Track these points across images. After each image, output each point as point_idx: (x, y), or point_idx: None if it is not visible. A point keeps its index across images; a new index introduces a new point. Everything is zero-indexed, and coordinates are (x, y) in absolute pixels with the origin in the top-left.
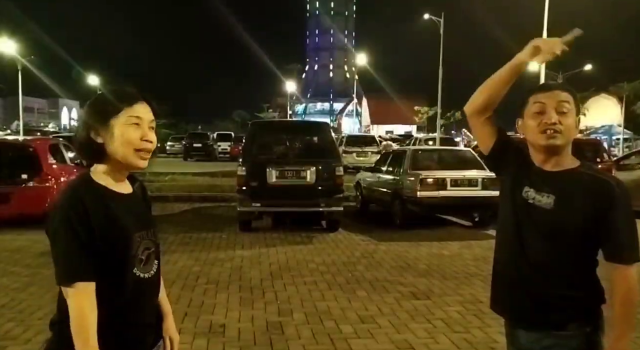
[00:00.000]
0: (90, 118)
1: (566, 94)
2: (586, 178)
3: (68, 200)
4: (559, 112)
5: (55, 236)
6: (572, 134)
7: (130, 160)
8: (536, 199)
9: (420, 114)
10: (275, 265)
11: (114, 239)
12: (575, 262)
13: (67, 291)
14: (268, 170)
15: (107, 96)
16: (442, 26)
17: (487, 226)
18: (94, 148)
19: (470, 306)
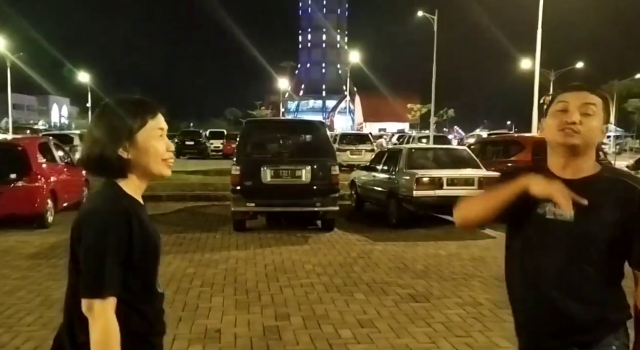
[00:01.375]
0: (115, 133)
1: (593, 97)
2: (610, 183)
3: (113, 208)
4: (583, 113)
5: (96, 245)
6: (593, 137)
7: (160, 171)
8: (556, 213)
9: (413, 112)
10: (270, 267)
11: (148, 249)
12: (601, 277)
13: (94, 305)
14: (263, 169)
15: (127, 108)
16: (436, 24)
17: (483, 226)
18: (122, 164)
19: (470, 309)
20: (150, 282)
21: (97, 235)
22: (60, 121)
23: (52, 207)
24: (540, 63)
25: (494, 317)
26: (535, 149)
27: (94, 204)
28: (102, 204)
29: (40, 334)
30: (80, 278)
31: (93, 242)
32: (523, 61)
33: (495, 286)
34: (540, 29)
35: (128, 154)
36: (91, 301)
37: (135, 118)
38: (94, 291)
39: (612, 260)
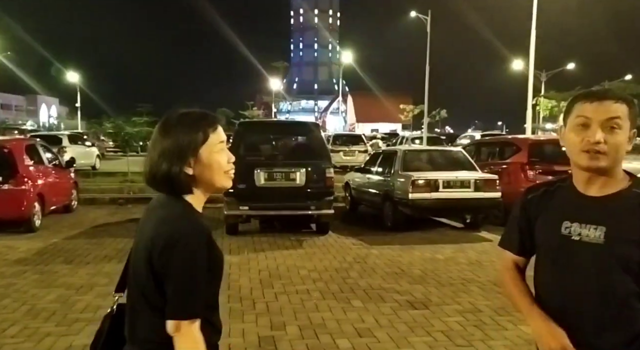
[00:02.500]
0: (181, 152)
1: (618, 106)
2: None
3: (199, 231)
4: (607, 129)
5: (189, 269)
6: (621, 153)
7: (222, 184)
8: (583, 235)
9: (405, 112)
10: (265, 272)
11: (219, 268)
12: (637, 302)
13: (182, 325)
14: (256, 172)
15: (188, 124)
16: (429, 24)
17: (479, 228)
18: (188, 181)
19: (470, 316)
20: (215, 296)
21: (189, 261)
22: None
23: (40, 210)
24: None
25: (495, 325)
26: (532, 151)
27: (179, 226)
28: (188, 226)
29: (25, 347)
30: (170, 300)
31: (186, 268)
32: (514, 62)
33: (494, 291)
34: (534, 31)
35: (193, 170)
36: (178, 323)
37: (198, 133)
38: (186, 313)
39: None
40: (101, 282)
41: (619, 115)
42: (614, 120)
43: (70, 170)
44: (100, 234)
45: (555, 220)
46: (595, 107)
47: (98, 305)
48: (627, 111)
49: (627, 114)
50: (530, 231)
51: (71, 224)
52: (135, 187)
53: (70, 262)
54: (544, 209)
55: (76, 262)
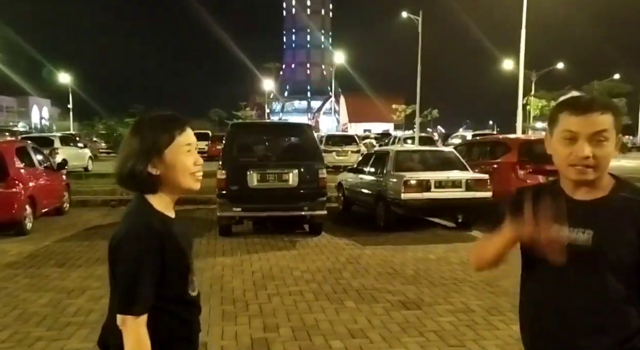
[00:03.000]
0: (145, 151)
1: (603, 118)
2: (627, 203)
3: (147, 231)
4: (594, 142)
5: (132, 266)
6: (609, 162)
7: (189, 185)
8: (570, 238)
9: (398, 112)
10: (258, 274)
11: (181, 266)
12: (625, 303)
13: (127, 320)
14: (249, 173)
15: (156, 125)
16: (420, 25)
17: (470, 228)
18: (152, 180)
19: (462, 316)
20: (183, 291)
21: (132, 258)
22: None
23: (31, 213)
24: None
25: (487, 324)
26: (522, 150)
27: (129, 226)
28: (136, 227)
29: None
30: (118, 295)
31: (129, 265)
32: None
33: (486, 291)
34: (524, 31)
35: (157, 170)
36: (124, 317)
37: (164, 135)
38: (129, 309)
39: (635, 285)
40: (93, 285)
41: (605, 128)
42: (601, 134)
43: (62, 172)
44: (92, 237)
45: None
46: (581, 121)
47: (90, 308)
48: (612, 121)
49: (613, 124)
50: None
51: (63, 226)
52: (120, 190)
53: (62, 265)
54: (534, 212)
55: (68, 265)
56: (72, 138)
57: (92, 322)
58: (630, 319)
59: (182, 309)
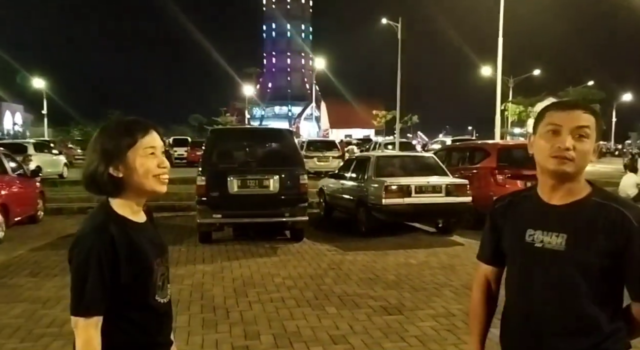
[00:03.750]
0: (106, 153)
1: (587, 116)
2: (600, 209)
3: (97, 233)
4: (576, 137)
5: (81, 267)
6: (587, 161)
7: (152, 187)
8: (545, 242)
9: (378, 118)
10: (238, 281)
11: (138, 270)
12: (596, 307)
13: (78, 322)
14: (229, 179)
15: (118, 129)
16: (400, 31)
17: (451, 232)
18: (115, 183)
19: (443, 320)
20: (145, 298)
21: (81, 259)
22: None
23: (3, 222)
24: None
25: (467, 328)
26: (501, 156)
27: (83, 229)
28: (90, 230)
29: None
30: (70, 297)
31: (78, 266)
32: (483, 68)
33: (466, 296)
34: (501, 39)
35: (120, 172)
36: (76, 319)
37: (126, 138)
38: (78, 310)
39: (607, 289)
40: (69, 295)
41: (588, 125)
42: (584, 129)
43: (36, 180)
44: (68, 245)
45: (520, 228)
46: (566, 115)
47: (66, 319)
48: (594, 122)
49: (595, 125)
50: (499, 241)
51: (37, 235)
52: (103, 197)
53: (36, 274)
54: (510, 218)
55: (42, 274)
56: (47, 144)
57: (67, 333)
58: (602, 323)
59: (144, 316)
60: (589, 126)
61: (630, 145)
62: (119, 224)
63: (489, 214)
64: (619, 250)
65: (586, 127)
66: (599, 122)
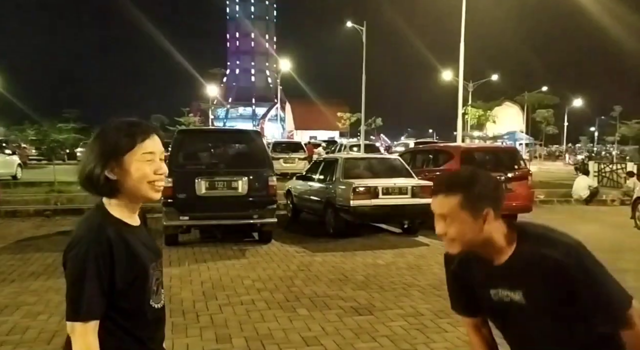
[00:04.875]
0: (104, 155)
1: (447, 200)
2: (533, 259)
3: (95, 238)
4: (446, 221)
5: (77, 271)
6: (471, 234)
7: (145, 194)
8: (510, 296)
9: (343, 120)
10: (207, 284)
11: (134, 274)
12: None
13: (76, 327)
14: (197, 181)
15: (118, 130)
16: (365, 35)
17: (416, 233)
18: (109, 185)
19: (412, 320)
20: (140, 303)
21: (77, 263)
22: None
23: None
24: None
25: (436, 327)
26: (464, 158)
27: (78, 232)
28: (86, 232)
29: None
30: (66, 302)
31: (74, 270)
32: (444, 73)
33: (433, 295)
34: (462, 45)
35: (115, 175)
36: (73, 324)
37: (124, 139)
38: (75, 315)
39: (582, 327)
40: (28, 300)
41: (444, 212)
42: (445, 216)
43: None
44: (25, 249)
45: (484, 290)
46: (433, 201)
47: (26, 326)
48: (457, 203)
49: (459, 204)
50: (469, 296)
51: None
52: (63, 198)
53: None
54: (470, 279)
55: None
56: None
57: (28, 340)
58: None
59: (138, 322)
60: (448, 212)
61: (580, 149)
62: (115, 226)
63: (447, 273)
64: (570, 293)
65: (442, 215)
66: (468, 196)
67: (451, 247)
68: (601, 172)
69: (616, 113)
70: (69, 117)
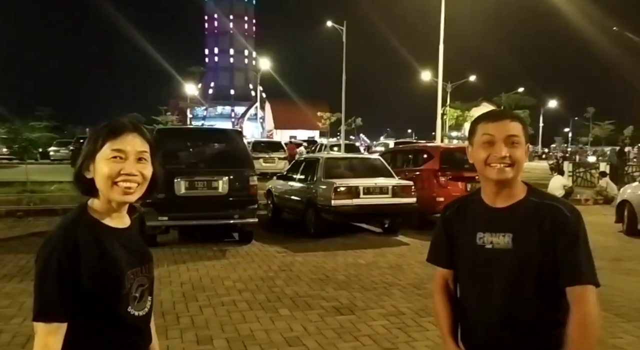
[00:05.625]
0: (83, 153)
1: (515, 125)
2: (538, 207)
3: (61, 237)
4: (509, 144)
5: (41, 271)
6: (522, 165)
7: (110, 195)
8: (494, 242)
9: (323, 120)
10: (187, 285)
11: (105, 278)
12: (544, 305)
13: (38, 327)
14: (176, 180)
15: (100, 129)
16: (345, 35)
17: (396, 232)
18: (84, 183)
19: (394, 319)
20: (115, 308)
21: (41, 262)
22: None
23: None
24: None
25: (417, 326)
26: (443, 158)
27: (51, 231)
28: (55, 231)
29: None
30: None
31: (38, 269)
32: (422, 73)
33: (414, 294)
34: (442, 46)
35: (91, 174)
36: (36, 324)
37: (97, 139)
38: (37, 315)
39: (552, 285)
40: (1, 303)
41: (517, 134)
42: (514, 138)
43: None
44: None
45: (470, 233)
46: (497, 126)
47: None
48: (522, 129)
49: (523, 131)
50: (450, 246)
51: None
52: (36, 198)
53: None
54: (460, 224)
55: None
56: None
57: (2, 344)
58: (550, 321)
59: (112, 328)
60: (518, 134)
61: (556, 149)
62: (89, 227)
63: (440, 220)
64: (557, 240)
65: (516, 136)
66: (525, 128)
67: (505, 172)
68: (575, 172)
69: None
70: (41, 115)
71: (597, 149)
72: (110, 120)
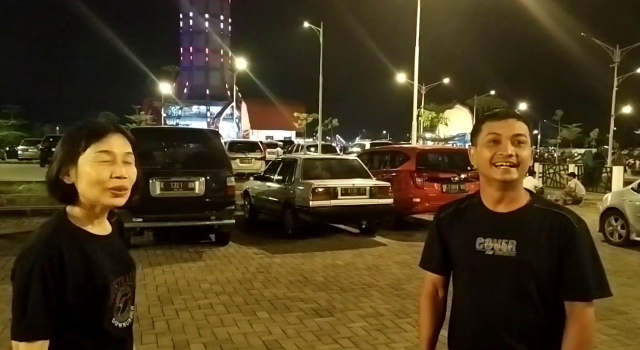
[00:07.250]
0: (61, 157)
1: (521, 124)
2: (543, 214)
3: (43, 247)
4: (515, 144)
5: (22, 284)
6: (527, 167)
7: (102, 201)
8: (495, 249)
9: (300, 120)
10: (163, 288)
11: (90, 289)
12: (545, 312)
13: (20, 347)
14: (151, 181)
15: (78, 131)
16: (322, 35)
17: (374, 233)
18: (63, 189)
19: (373, 321)
20: (99, 321)
21: (23, 277)
22: None
23: None
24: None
25: (396, 327)
26: (419, 159)
27: (30, 241)
28: (36, 242)
29: None
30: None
31: (19, 285)
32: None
33: (392, 295)
34: (417, 48)
35: (70, 178)
36: (17, 344)
37: (79, 141)
38: (18, 334)
39: (555, 296)
40: None
41: (524, 133)
42: (521, 137)
43: None
44: None
45: (468, 237)
46: (503, 124)
47: None
48: (527, 129)
49: (528, 132)
50: (444, 251)
51: None
52: (3, 199)
53: None
54: (456, 227)
55: None
56: None
57: None
58: (550, 329)
59: (96, 341)
60: (524, 134)
61: None
62: (72, 235)
63: (434, 222)
64: (563, 251)
65: (522, 135)
66: (530, 129)
67: (510, 173)
68: (545, 173)
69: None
70: (9, 113)
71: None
72: (86, 120)
